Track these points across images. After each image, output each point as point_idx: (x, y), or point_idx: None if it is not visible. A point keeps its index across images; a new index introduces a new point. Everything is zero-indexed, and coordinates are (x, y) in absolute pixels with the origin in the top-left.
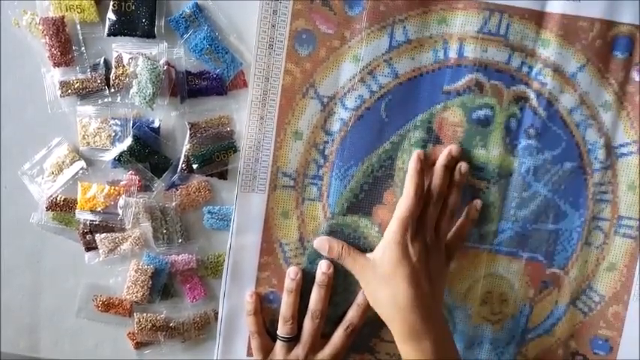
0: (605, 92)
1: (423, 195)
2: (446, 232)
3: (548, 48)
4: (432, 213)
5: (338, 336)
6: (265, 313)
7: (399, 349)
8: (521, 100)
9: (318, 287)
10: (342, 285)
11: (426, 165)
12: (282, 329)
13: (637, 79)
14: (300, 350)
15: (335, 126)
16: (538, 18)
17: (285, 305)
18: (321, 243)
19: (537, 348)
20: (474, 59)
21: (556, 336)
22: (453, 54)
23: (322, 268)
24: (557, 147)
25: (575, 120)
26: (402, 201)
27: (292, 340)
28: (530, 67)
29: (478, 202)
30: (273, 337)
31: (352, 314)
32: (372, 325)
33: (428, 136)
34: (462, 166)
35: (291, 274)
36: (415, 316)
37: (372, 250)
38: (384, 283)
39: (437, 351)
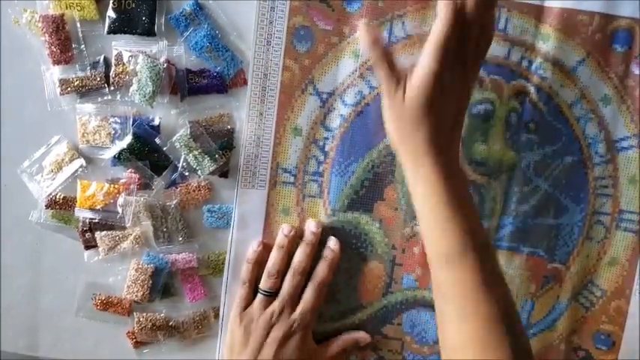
0: (605, 86)
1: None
2: None
3: (548, 42)
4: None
5: (308, 291)
6: None
7: (406, 176)
8: (521, 94)
9: (305, 245)
10: (344, 282)
11: None
12: (265, 283)
13: (637, 72)
14: (276, 304)
15: (335, 122)
16: (537, 12)
17: (273, 260)
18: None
19: (539, 343)
20: None
21: (558, 331)
22: None
23: (311, 227)
24: (558, 141)
25: (576, 114)
26: (437, 26)
27: (272, 296)
28: (530, 62)
29: None
30: None
31: (320, 268)
32: (374, 321)
33: None
34: None
35: (285, 230)
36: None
37: (373, 246)
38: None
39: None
